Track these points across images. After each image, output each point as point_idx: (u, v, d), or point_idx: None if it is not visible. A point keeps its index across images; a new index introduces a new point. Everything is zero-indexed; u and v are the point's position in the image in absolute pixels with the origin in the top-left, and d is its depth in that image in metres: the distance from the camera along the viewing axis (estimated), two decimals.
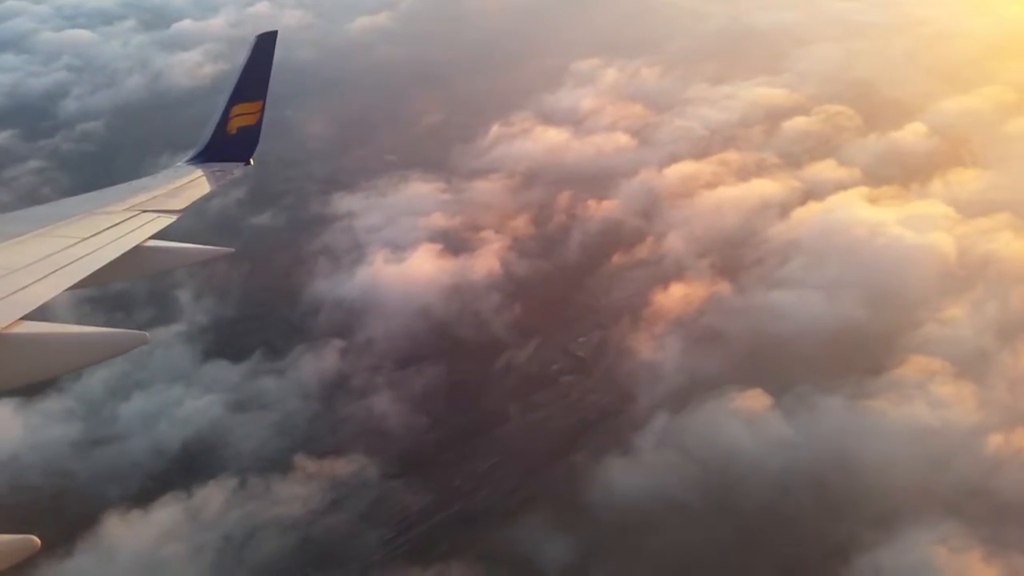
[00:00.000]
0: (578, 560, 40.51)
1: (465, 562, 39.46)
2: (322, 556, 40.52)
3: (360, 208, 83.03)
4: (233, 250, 15.53)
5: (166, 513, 42.12)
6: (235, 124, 17.33)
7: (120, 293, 66.61)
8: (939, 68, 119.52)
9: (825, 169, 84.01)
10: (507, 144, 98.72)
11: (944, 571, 37.16)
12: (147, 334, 9.64)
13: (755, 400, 48.16)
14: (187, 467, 46.68)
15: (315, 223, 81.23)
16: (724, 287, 62.16)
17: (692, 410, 48.79)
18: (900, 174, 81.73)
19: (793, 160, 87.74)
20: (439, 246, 69.23)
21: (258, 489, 44.10)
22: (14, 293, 9.36)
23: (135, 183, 15.87)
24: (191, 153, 17.49)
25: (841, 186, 78.64)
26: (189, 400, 51.80)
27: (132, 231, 12.57)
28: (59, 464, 47.20)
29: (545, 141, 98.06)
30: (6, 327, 8.46)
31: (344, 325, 60.65)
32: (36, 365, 8.82)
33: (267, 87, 17.62)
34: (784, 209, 74.66)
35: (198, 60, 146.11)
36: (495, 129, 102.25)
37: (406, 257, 68.53)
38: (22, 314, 8.74)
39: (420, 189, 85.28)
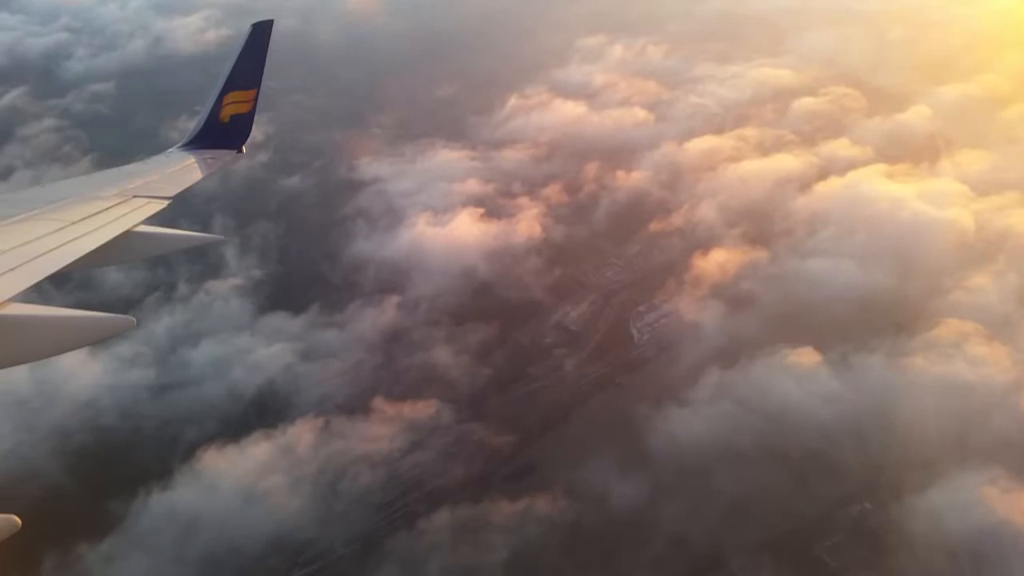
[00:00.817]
0: (647, 498, 42.88)
1: (548, 498, 41.80)
2: (412, 490, 42.68)
3: (389, 174, 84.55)
4: (223, 238, 16.16)
5: (259, 450, 43.92)
6: (228, 112, 17.23)
7: None
8: (934, 55, 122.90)
9: (839, 147, 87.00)
10: (525, 116, 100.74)
11: (996, 508, 40.17)
12: (133, 319, 9.55)
13: (804, 357, 50.93)
14: (265, 410, 48.57)
15: (345, 187, 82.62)
16: (758, 255, 64.95)
17: (743, 366, 51.36)
18: (910, 154, 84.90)
19: (807, 138, 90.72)
20: (480, 210, 71.18)
21: (342, 429, 46.08)
22: (2, 275, 9.31)
23: (127, 168, 15.74)
24: (184, 139, 17.42)
25: (856, 163, 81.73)
26: (260, 348, 53.49)
27: (123, 216, 12.50)
28: (138, 406, 48.80)
29: (563, 114, 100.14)
30: None
31: (394, 283, 62.55)
32: (21, 347, 8.69)
33: (261, 76, 17.46)
34: (804, 183, 77.60)
35: (200, 25, 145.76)
36: (512, 101, 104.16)
37: (448, 220, 70.38)
38: (8, 296, 8.71)
39: (448, 156, 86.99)
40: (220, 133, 17.28)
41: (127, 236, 11.98)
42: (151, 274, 64.53)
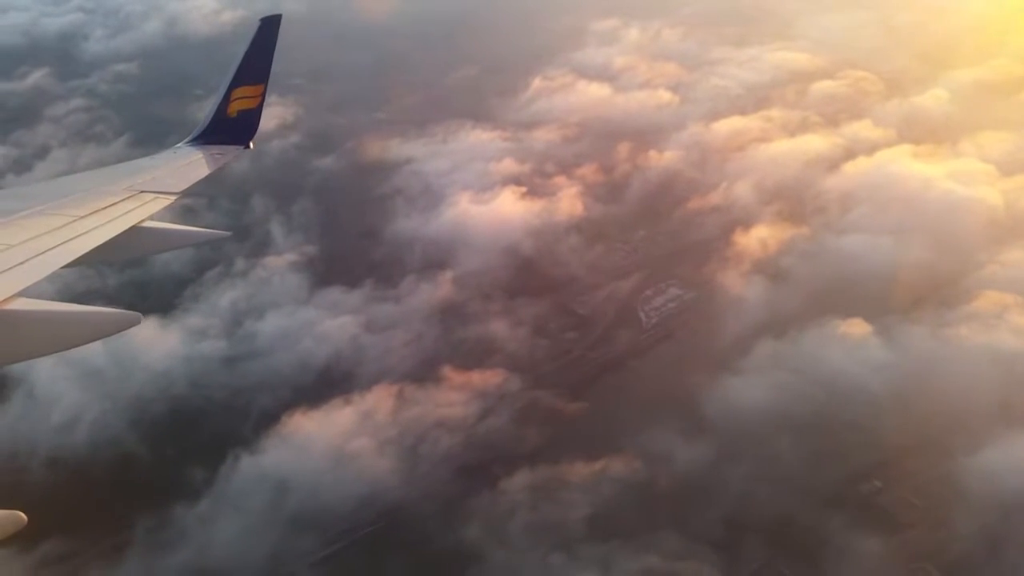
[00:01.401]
0: (711, 461, 44.68)
1: (622, 460, 43.60)
2: (490, 453, 44.40)
3: (421, 154, 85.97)
4: (230, 234, 16.37)
5: (339, 416, 45.55)
6: (236, 107, 17.12)
7: (213, 225, 69.23)
8: (942, 40, 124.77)
9: (862, 129, 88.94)
10: (549, 98, 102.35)
11: None
12: (139, 315, 9.63)
13: (854, 328, 52.83)
14: (337, 378, 50.15)
15: (379, 168, 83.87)
16: (795, 232, 66.71)
17: (793, 338, 53.20)
18: (931, 135, 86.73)
19: (830, 119, 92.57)
20: (521, 189, 72.72)
21: (416, 396, 47.72)
22: (10, 269, 9.37)
23: (134, 163, 15.81)
24: (191, 135, 17.35)
25: (880, 145, 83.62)
26: (324, 320, 54.98)
27: (130, 211, 12.48)
28: (212, 376, 50.32)
29: (588, 95, 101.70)
30: (0, 303, 8.51)
31: (442, 259, 64.03)
32: (29, 341, 8.78)
33: (269, 71, 17.30)
34: (832, 163, 79.52)
35: (214, 7, 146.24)
36: (536, 83, 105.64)
37: (489, 199, 71.87)
38: (16, 291, 8.76)
39: (480, 138, 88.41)
40: (228, 128, 17.18)
41: (134, 231, 11.97)
42: (199, 252, 65.92)
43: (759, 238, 65.40)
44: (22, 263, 9.62)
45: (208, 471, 43.50)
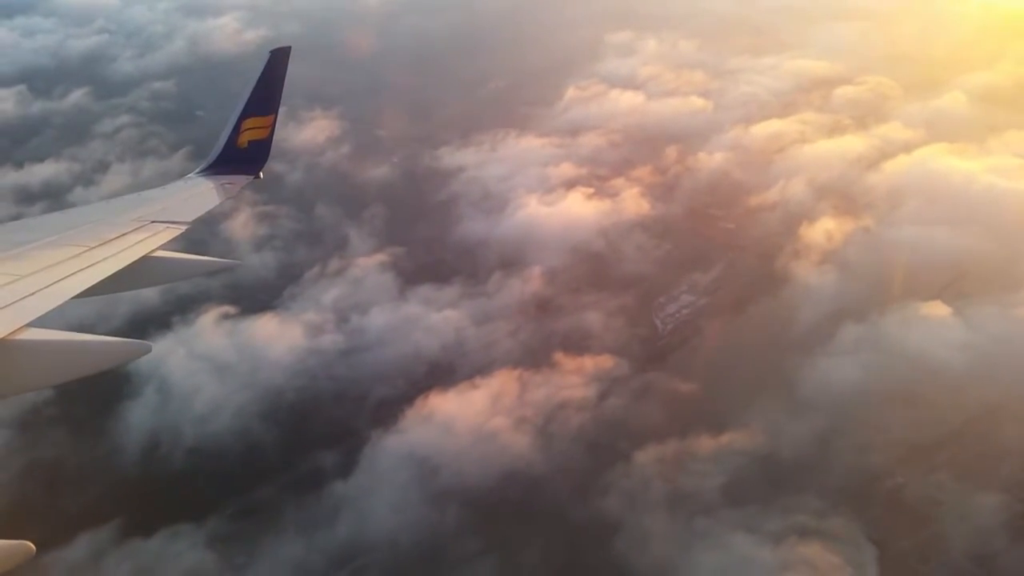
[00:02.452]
0: (820, 434, 47.37)
1: (744, 433, 46.33)
2: (617, 429, 46.98)
3: (473, 162, 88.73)
4: (240, 263, 16.94)
5: (468, 399, 47.97)
6: (246, 138, 17.34)
7: (290, 231, 71.98)
8: (948, 47, 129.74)
9: (892, 130, 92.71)
10: (584, 106, 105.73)
11: None
12: (150, 344, 9.74)
13: (934, 310, 56.03)
14: (454, 367, 52.61)
15: (434, 175, 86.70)
16: (854, 224, 70.00)
17: (875, 322, 56.26)
18: (959, 134, 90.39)
19: (859, 122, 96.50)
20: (587, 190, 75.70)
21: (535, 380, 50.22)
22: (20, 300, 9.47)
23: (145, 193, 15.94)
24: (202, 165, 17.53)
25: (912, 145, 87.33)
26: (428, 314, 57.41)
27: (140, 241, 12.57)
28: (334, 368, 52.66)
29: (622, 103, 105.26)
30: (10, 334, 8.62)
31: (521, 257, 66.65)
32: (39, 371, 8.88)
33: (279, 102, 17.56)
34: (872, 162, 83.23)
35: (236, 27, 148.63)
36: (570, 92, 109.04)
37: (556, 200, 74.77)
38: (26, 321, 8.86)
39: (528, 144, 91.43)
40: (238, 159, 17.40)
41: (145, 261, 12.06)
42: (284, 255, 68.57)
43: (823, 231, 68.55)
44: (32, 294, 9.72)
45: (348, 454, 45.74)
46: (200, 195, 16.00)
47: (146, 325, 53.61)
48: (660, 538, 40.40)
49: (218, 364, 51.09)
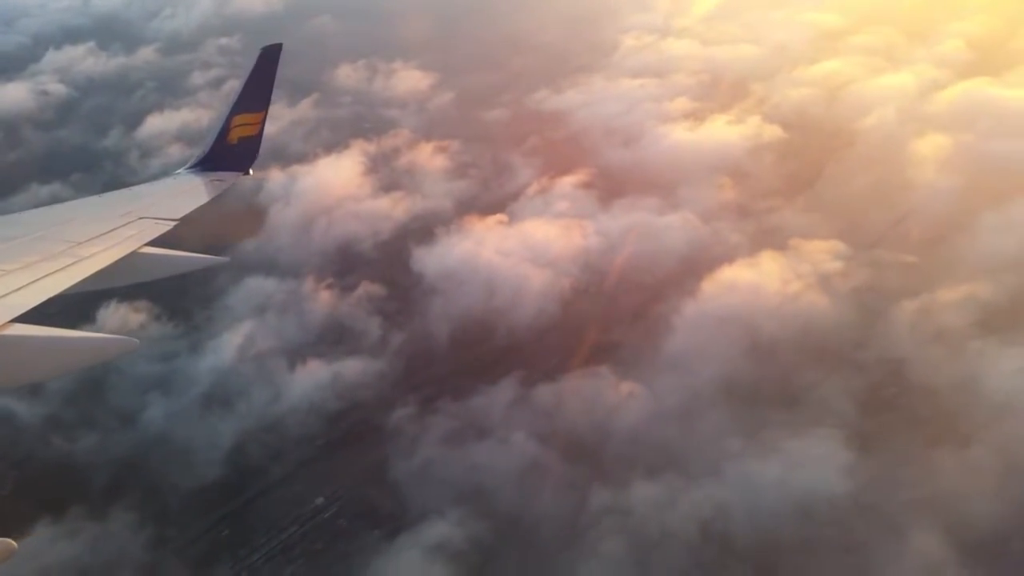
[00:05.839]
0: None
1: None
2: (875, 288, 57.53)
3: (579, 103, 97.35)
4: (228, 259, 16.54)
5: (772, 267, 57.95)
6: (236, 134, 17.33)
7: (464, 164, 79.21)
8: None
9: (925, 69, 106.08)
10: (643, 53, 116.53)
11: None
12: (136, 340, 9.81)
13: None
14: (712, 255, 62.15)
15: (548, 116, 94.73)
16: (953, 141, 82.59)
17: None
18: (986, 69, 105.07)
19: (893, 61, 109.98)
20: (725, 116, 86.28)
21: (789, 258, 60.48)
22: (6, 295, 9.46)
23: (134, 189, 16.03)
24: (191, 161, 17.60)
25: (949, 81, 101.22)
26: (656, 219, 66.86)
27: (128, 237, 12.59)
28: (609, 260, 61.48)
29: (680, 49, 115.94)
30: None
31: (688, 177, 76.33)
32: (23, 367, 8.86)
33: (269, 99, 17.64)
34: (925, 94, 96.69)
35: None
36: (627, 41, 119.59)
37: (696, 128, 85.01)
38: (11, 317, 8.85)
39: (628, 85, 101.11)
40: (228, 155, 17.46)
41: (133, 257, 12.09)
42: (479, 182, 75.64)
43: (933, 145, 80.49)
44: (19, 289, 9.70)
45: (661, 320, 54.82)
46: (189, 191, 16.08)
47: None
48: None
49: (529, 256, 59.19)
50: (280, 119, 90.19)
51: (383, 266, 62.59)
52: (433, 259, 61.70)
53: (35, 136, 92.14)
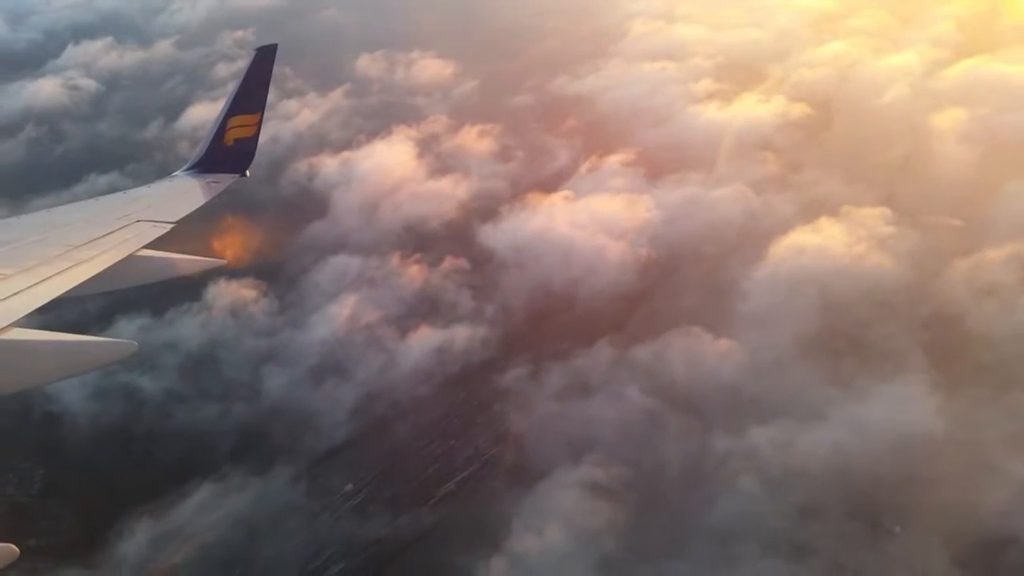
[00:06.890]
0: None
1: None
2: (935, 246, 61.30)
3: (602, 86, 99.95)
4: (226, 262, 16.14)
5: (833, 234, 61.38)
6: (232, 136, 17.30)
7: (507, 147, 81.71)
8: None
9: (925, 50, 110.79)
10: (653, 38, 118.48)
11: None
12: (135, 343, 9.77)
13: None
14: (764, 227, 65.50)
15: (573, 100, 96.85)
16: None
17: None
18: (976, 51, 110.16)
19: (895, 42, 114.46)
20: (754, 96, 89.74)
21: (843, 227, 64.07)
22: (3, 300, 9.44)
23: (130, 192, 16.02)
24: (188, 163, 17.57)
25: (950, 60, 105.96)
26: (710, 192, 70.06)
27: (125, 240, 12.60)
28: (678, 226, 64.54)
29: (688, 35, 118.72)
30: None
31: (726, 152, 79.78)
32: (22, 371, 8.81)
33: (265, 100, 17.68)
34: (930, 72, 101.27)
35: None
36: (636, 27, 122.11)
37: (725, 107, 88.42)
38: (9, 321, 8.83)
39: (647, 68, 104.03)
40: (224, 157, 17.46)
41: (131, 260, 12.09)
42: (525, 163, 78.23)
43: (951, 119, 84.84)
44: (16, 293, 9.71)
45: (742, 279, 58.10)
46: (185, 194, 16.15)
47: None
48: None
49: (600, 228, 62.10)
50: (316, 108, 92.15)
51: (455, 243, 64.93)
52: (504, 235, 64.21)
53: (75, 129, 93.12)
